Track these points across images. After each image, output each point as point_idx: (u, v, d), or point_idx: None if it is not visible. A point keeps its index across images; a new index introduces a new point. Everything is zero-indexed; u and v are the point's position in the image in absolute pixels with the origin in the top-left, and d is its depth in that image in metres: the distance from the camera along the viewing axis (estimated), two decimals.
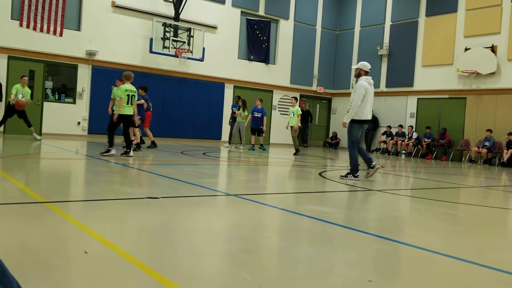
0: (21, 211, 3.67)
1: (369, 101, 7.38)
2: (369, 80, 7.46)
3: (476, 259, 3.04)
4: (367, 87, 7.34)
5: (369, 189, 6.68)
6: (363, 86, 7.31)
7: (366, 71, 7.52)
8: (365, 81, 7.38)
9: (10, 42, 14.24)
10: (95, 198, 4.59)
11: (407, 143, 17.87)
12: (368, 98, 7.33)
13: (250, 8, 19.30)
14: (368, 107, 7.40)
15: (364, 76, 7.48)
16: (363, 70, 7.52)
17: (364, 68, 7.52)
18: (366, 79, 7.41)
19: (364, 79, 7.42)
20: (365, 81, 7.38)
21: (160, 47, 16.46)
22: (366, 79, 7.42)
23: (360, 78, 7.50)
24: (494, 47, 15.90)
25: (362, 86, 7.30)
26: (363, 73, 7.51)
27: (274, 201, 5.19)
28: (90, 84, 15.72)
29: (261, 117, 14.62)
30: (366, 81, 7.39)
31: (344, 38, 21.71)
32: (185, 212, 4.19)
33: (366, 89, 7.31)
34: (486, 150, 15.35)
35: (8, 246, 2.67)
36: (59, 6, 14.98)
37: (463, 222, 4.73)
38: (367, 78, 7.43)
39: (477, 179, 10.14)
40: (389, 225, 4.14)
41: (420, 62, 18.36)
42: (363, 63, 7.62)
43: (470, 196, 7.12)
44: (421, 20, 18.40)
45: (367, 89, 7.33)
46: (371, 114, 7.60)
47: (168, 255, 2.74)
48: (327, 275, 2.55)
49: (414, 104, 18.67)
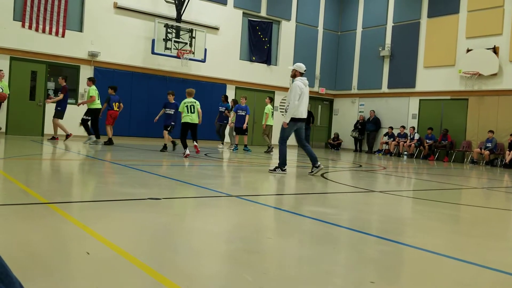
0: (23, 212, 3.68)
1: (304, 101, 7.76)
2: (304, 81, 7.79)
3: (479, 261, 3.04)
4: (302, 87, 7.69)
5: (371, 190, 6.68)
6: (299, 86, 7.66)
7: (301, 72, 7.83)
8: (301, 81, 7.72)
9: (12, 43, 14.27)
10: (97, 199, 4.59)
11: (409, 144, 17.85)
12: (303, 97, 7.71)
13: (252, 9, 19.32)
14: (303, 106, 7.78)
15: (299, 77, 7.80)
16: (298, 72, 7.83)
17: (299, 70, 7.83)
18: (301, 80, 7.75)
19: (300, 79, 7.74)
20: (301, 81, 7.72)
21: (162, 48, 16.48)
22: (301, 79, 7.75)
23: (296, 79, 7.82)
24: (496, 48, 15.89)
25: (298, 87, 7.66)
26: (298, 74, 7.82)
27: (276, 202, 5.19)
28: None
29: (244, 116, 14.22)
30: (301, 81, 7.73)
31: (346, 39, 21.71)
32: (186, 213, 4.19)
33: (302, 89, 7.67)
34: (488, 151, 15.32)
35: (10, 247, 2.67)
36: (61, 7, 15.01)
37: (465, 224, 4.72)
38: (302, 79, 7.77)
39: (479, 180, 10.12)
40: (391, 226, 4.14)
41: (422, 63, 18.35)
42: (298, 65, 7.94)
43: (472, 198, 7.10)
44: (423, 21, 18.39)
45: (302, 89, 7.69)
46: (306, 113, 7.96)
47: (170, 255, 2.74)
48: (328, 277, 2.54)
49: (416, 105, 18.66)
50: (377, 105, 20.14)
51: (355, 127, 20.43)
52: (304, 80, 7.80)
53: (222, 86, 18.66)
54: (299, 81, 7.72)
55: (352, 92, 21.37)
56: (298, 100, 7.64)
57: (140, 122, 16.04)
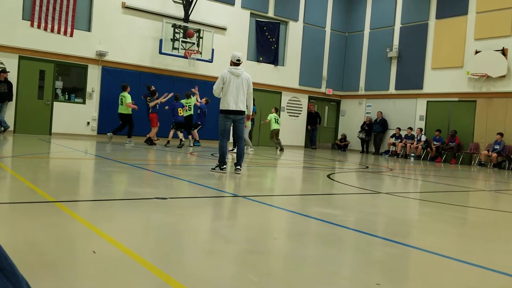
0: (30, 210, 3.70)
1: (230, 91, 7.34)
2: (233, 70, 7.40)
3: (486, 264, 3.01)
4: (227, 76, 7.35)
5: (377, 192, 6.65)
6: (222, 75, 7.39)
7: (234, 61, 7.48)
8: (227, 70, 7.42)
9: (21, 42, 14.37)
10: (104, 198, 4.61)
11: (416, 146, 17.77)
12: (229, 88, 7.33)
13: (260, 10, 19.32)
14: (230, 97, 7.35)
15: (231, 66, 7.47)
16: (231, 61, 7.53)
17: (232, 59, 7.53)
18: (229, 69, 7.42)
19: (228, 69, 7.44)
20: (227, 70, 7.42)
21: (169, 48, 16.52)
22: (229, 69, 7.42)
23: (227, 68, 7.53)
24: (505, 50, 15.78)
25: (220, 76, 7.39)
26: (231, 64, 7.50)
27: (282, 203, 5.18)
28: (100, 85, 15.82)
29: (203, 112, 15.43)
30: (228, 70, 7.41)
31: (353, 40, 21.65)
32: (192, 213, 4.20)
33: (225, 78, 7.33)
34: (496, 154, 15.22)
35: (17, 245, 2.69)
36: (69, 7, 15.10)
37: (472, 226, 4.69)
38: (231, 68, 7.42)
39: (486, 183, 10.06)
40: (397, 228, 4.12)
41: (430, 65, 18.26)
42: (232, 54, 7.59)
43: (480, 200, 7.06)
44: (431, 22, 18.30)
45: (226, 78, 7.34)
46: (239, 106, 7.41)
47: (176, 255, 2.74)
48: (334, 278, 2.54)
49: (423, 106, 18.57)
50: (384, 107, 20.06)
51: (362, 128, 20.38)
52: (234, 70, 7.40)
53: None
54: (226, 70, 7.44)
55: (359, 93, 21.31)
56: (221, 90, 7.37)
57: (147, 121, 16.06)
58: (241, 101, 7.42)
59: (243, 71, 7.51)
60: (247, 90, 7.50)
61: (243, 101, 7.45)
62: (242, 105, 7.43)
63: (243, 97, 7.45)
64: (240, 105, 7.41)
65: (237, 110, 7.39)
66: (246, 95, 7.50)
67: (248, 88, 7.52)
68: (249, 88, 7.54)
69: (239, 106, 7.40)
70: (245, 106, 7.51)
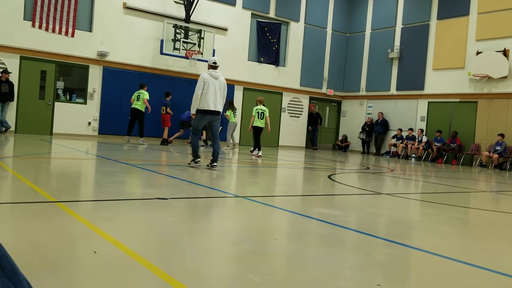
0: (31, 210, 3.70)
1: (210, 93, 7.81)
2: (212, 73, 7.92)
3: (488, 265, 3.01)
4: (207, 78, 7.84)
5: (378, 193, 6.65)
6: (202, 78, 7.87)
7: (211, 65, 8.06)
8: (207, 73, 7.93)
9: (23, 43, 14.38)
10: (105, 198, 4.61)
11: (417, 146, 17.76)
12: (208, 89, 7.80)
13: (261, 10, 19.32)
14: (210, 98, 7.81)
15: (209, 69, 8.01)
16: (208, 64, 8.14)
17: (209, 62, 8.17)
18: (209, 72, 7.94)
19: (207, 72, 7.96)
20: (207, 73, 7.93)
21: (170, 48, 16.52)
22: (208, 72, 7.95)
23: (206, 71, 8.06)
24: (506, 51, 15.76)
25: (201, 78, 7.88)
26: (209, 67, 8.08)
27: (283, 204, 5.18)
28: (101, 85, 15.82)
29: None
30: (207, 73, 7.93)
31: (354, 41, 21.65)
32: (193, 213, 4.20)
33: (205, 81, 7.81)
34: (497, 155, 15.21)
35: (18, 245, 2.69)
36: (71, 7, 15.11)
37: (474, 227, 4.68)
38: (210, 72, 7.95)
39: (488, 184, 10.05)
40: (398, 229, 4.11)
41: (431, 66, 18.25)
42: (209, 58, 8.46)
43: (481, 201, 7.05)
44: (433, 23, 18.29)
45: (207, 80, 7.83)
46: (217, 106, 7.90)
47: (177, 256, 2.74)
48: (335, 279, 2.53)
49: (424, 107, 18.56)
50: (385, 107, 20.06)
51: (363, 129, 20.36)
52: (213, 73, 7.92)
53: (230, 87, 18.63)
54: (205, 73, 7.94)
55: (360, 94, 21.30)
56: (201, 92, 7.79)
57: (149, 122, 16.09)
58: (219, 102, 7.94)
59: (221, 74, 8.03)
60: (224, 93, 8.05)
61: (220, 102, 7.97)
62: (220, 105, 7.96)
63: (221, 99, 7.97)
64: (218, 106, 7.93)
65: (215, 111, 7.89)
66: (223, 97, 8.04)
67: (225, 91, 8.07)
68: (225, 91, 8.09)
69: (217, 106, 7.91)
70: (222, 107, 8.04)
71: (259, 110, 12.75)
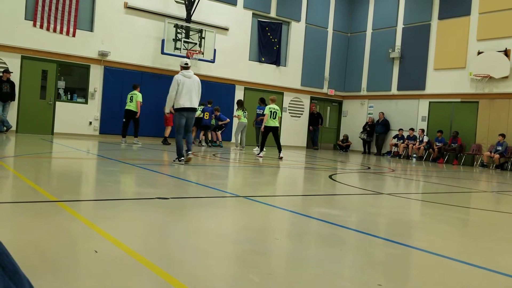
0: (32, 210, 3.70)
1: (184, 92, 8.35)
2: (185, 74, 8.45)
3: (488, 265, 3.01)
4: (180, 79, 8.37)
5: (379, 193, 6.65)
6: (176, 79, 8.40)
7: (183, 66, 8.60)
8: (180, 75, 8.45)
9: (24, 42, 14.39)
10: (105, 197, 4.61)
11: (418, 146, 17.74)
12: (183, 89, 8.34)
13: (262, 10, 19.32)
14: (184, 97, 8.36)
15: (182, 71, 8.52)
16: (181, 66, 8.68)
17: (180, 64, 8.73)
18: (182, 73, 8.45)
19: (181, 73, 8.47)
20: (180, 75, 8.45)
21: (171, 48, 16.53)
22: (182, 73, 8.46)
23: (179, 73, 8.56)
24: (507, 51, 15.74)
25: (175, 80, 8.40)
26: (181, 68, 8.61)
27: (283, 203, 5.18)
28: (102, 85, 15.84)
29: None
30: (181, 75, 8.45)
31: (355, 41, 21.64)
32: (194, 213, 4.20)
33: (179, 81, 8.35)
34: (498, 155, 15.19)
35: (19, 244, 2.69)
36: (72, 7, 15.12)
37: (474, 227, 4.68)
38: (183, 72, 8.46)
39: (489, 184, 10.04)
40: (399, 229, 4.11)
41: (432, 65, 18.23)
42: (181, 60, 9.10)
43: (482, 201, 7.05)
44: (434, 23, 18.28)
45: (181, 81, 8.35)
46: (193, 104, 8.45)
47: (177, 255, 2.75)
48: (335, 279, 2.53)
49: (425, 107, 18.55)
50: (386, 107, 20.04)
51: (364, 129, 20.35)
52: (185, 73, 8.44)
53: (231, 87, 18.69)
54: (179, 75, 8.45)
55: (361, 94, 21.29)
56: (176, 92, 8.32)
57: (149, 121, 16.10)
58: (194, 100, 8.50)
59: (193, 74, 8.59)
60: (198, 90, 8.59)
61: (196, 100, 8.54)
62: (195, 103, 8.52)
63: (195, 96, 8.52)
64: (194, 103, 8.49)
65: (191, 108, 8.46)
66: (198, 95, 8.58)
67: (199, 89, 8.61)
68: (199, 89, 8.61)
69: (193, 103, 8.47)
70: (197, 104, 8.61)
71: (272, 109, 12.10)
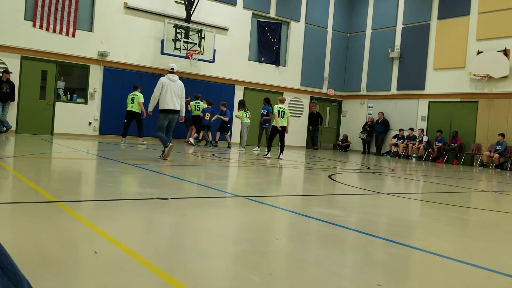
0: (32, 210, 3.70)
1: (168, 95, 8.92)
2: (170, 77, 9.03)
3: (488, 265, 3.01)
4: (165, 82, 8.94)
5: (379, 193, 6.65)
6: (161, 81, 8.99)
7: (169, 70, 9.21)
8: (166, 78, 9.02)
9: (23, 43, 14.39)
10: (105, 198, 4.61)
11: (417, 146, 17.74)
12: (167, 91, 8.90)
13: (261, 10, 19.32)
14: (168, 99, 8.92)
15: (168, 74, 9.11)
16: (167, 70, 9.29)
17: (167, 68, 9.38)
18: (168, 77, 9.04)
19: (166, 76, 9.06)
20: (166, 78, 9.02)
21: (171, 48, 16.53)
22: (167, 76, 9.05)
23: (165, 76, 9.14)
24: (507, 51, 15.75)
25: (160, 81, 8.99)
26: (167, 72, 9.21)
27: (283, 203, 5.18)
28: (101, 85, 15.84)
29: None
30: (166, 78, 9.02)
31: (355, 41, 21.64)
32: (194, 213, 4.20)
33: (164, 84, 8.92)
34: (498, 155, 15.20)
35: (19, 245, 2.69)
36: (71, 7, 15.12)
37: (474, 227, 4.68)
38: (168, 76, 9.05)
39: (489, 184, 10.04)
40: (399, 229, 4.11)
41: (431, 65, 18.24)
42: (168, 64, 9.71)
43: (482, 201, 7.05)
44: (433, 23, 18.28)
45: (165, 84, 8.93)
46: (176, 106, 9.01)
47: (177, 255, 2.74)
48: (335, 279, 2.53)
49: (425, 107, 18.55)
50: (386, 107, 20.05)
51: (364, 129, 20.36)
52: (171, 77, 9.03)
53: (231, 87, 18.69)
54: (164, 77, 9.04)
55: (361, 93, 21.29)
56: (159, 94, 8.90)
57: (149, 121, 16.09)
58: (177, 102, 9.03)
59: (177, 78, 9.13)
60: (181, 94, 9.11)
61: (179, 103, 9.05)
62: (177, 105, 9.03)
63: (179, 100, 9.04)
64: (176, 105, 9.01)
65: (174, 110, 8.99)
66: (181, 98, 9.09)
67: (183, 92, 9.16)
68: (183, 93, 9.17)
69: (175, 106, 8.99)
70: (180, 106, 9.09)
71: (280, 109, 11.92)
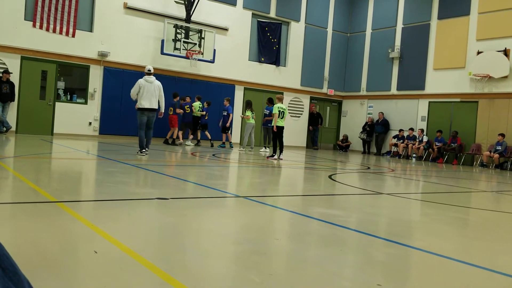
0: (32, 210, 3.70)
1: (145, 95, 9.63)
2: (147, 79, 9.72)
3: (488, 265, 3.01)
4: (142, 84, 9.65)
5: (379, 193, 6.65)
6: (138, 83, 9.69)
7: (146, 72, 9.90)
8: (143, 79, 9.72)
9: (23, 43, 14.39)
10: (105, 198, 4.61)
11: (417, 146, 17.74)
12: (144, 92, 9.62)
13: (261, 10, 19.32)
14: (146, 99, 9.64)
15: (145, 76, 9.79)
16: (145, 72, 9.97)
17: (145, 70, 10.05)
18: (145, 78, 9.73)
19: (143, 78, 9.75)
20: (143, 79, 9.72)
21: (171, 48, 16.53)
22: (144, 78, 9.74)
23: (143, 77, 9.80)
24: (507, 51, 15.75)
25: (137, 83, 9.70)
26: (145, 74, 9.89)
27: (283, 203, 5.18)
28: (101, 85, 15.84)
29: (227, 115, 16.12)
30: (143, 79, 9.72)
31: (355, 41, 21.64)
32: (194, 213, 4.20)
33: (141, 85, 9.63)
34: (498, 155, 15.20)
35: (19, 245, 2.69)
36: (71, 7, 15.12)
37: (474, 227, 4.68)
38: (145, 78, 9.74)
39: (488, 184, 10.04)
40: (399, 229, 4.11)
41: (431, 65, 18.24)
42: (146, 66, 10.22)
43: (482, 201, 7.05)
44: (433, 23, 18.28)
45: (142, 85, 9.64)
46: (152, 105, 9.69)
47: (177, 256, 2.75)
48: (335, 279, 2.53)
49: (425, 107, 18.55)
50: (386, 107, 20.05)
51: (364, 129, 20.36)
52: (147, 78, 9.71)
53: (231, 87, 18.69)
54: (142, 79, 9.72)
55: (361, 93, 21.29)
56: (137, 94, 9.61)
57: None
58: (154, 101, 9.74)
59: (155, 79, 9.82)
60: (159, 93, 9.79)
61: (155, 102, 9.77)
62: (154, 104, 9.75)
63: (155, 99, 9.76)
64: (153, 104, 9.73)
65: (151, 108, 9.72)
66: (157, 97, 9.78)
67: (160, 92, 9.82)
68: (160, 92, 9.83)
69: (152, 105, 9.71)
70: (157, 105, 9.80)
71: (280, 109, 11.67)
